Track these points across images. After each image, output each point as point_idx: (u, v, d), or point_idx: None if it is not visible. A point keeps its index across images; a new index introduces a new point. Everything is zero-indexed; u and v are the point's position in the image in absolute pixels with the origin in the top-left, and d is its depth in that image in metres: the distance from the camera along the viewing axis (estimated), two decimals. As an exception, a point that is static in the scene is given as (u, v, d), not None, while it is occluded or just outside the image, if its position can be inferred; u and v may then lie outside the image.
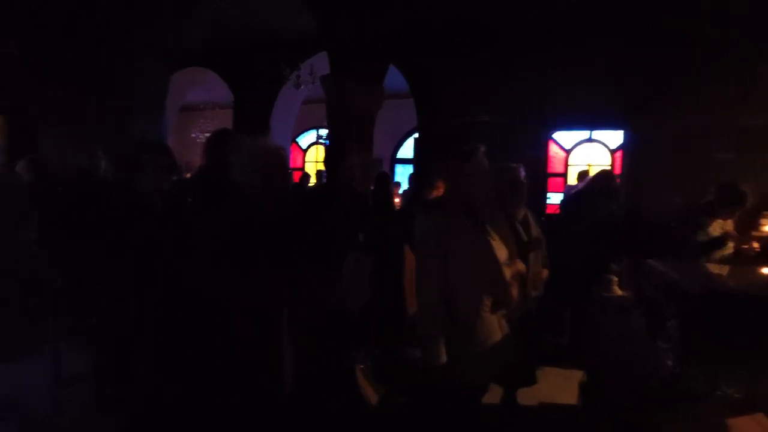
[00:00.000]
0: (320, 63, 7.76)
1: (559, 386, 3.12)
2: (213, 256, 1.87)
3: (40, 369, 3.07)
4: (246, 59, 8.09)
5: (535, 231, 2.58)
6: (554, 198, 7.26)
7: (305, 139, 13.48)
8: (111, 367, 2.56)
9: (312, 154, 13.46)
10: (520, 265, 2.18)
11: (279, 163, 2.04)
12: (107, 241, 2.38)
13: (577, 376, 3.00)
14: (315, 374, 2.25)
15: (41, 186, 3.61)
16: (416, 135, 7.64)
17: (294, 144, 13.05)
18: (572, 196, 3.87)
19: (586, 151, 8.00)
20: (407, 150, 11.66)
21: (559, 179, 7.75)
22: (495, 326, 1.98)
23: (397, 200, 6.28)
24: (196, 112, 12.49)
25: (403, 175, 10.87)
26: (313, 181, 8.54)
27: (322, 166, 11.67)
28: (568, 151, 7.99)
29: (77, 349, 2.96)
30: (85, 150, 3.84)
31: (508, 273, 1.98)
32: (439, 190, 3.63)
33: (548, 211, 6.45)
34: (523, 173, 2.56)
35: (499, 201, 2.43)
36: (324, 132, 12.66)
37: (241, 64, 8.26)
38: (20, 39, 5.78)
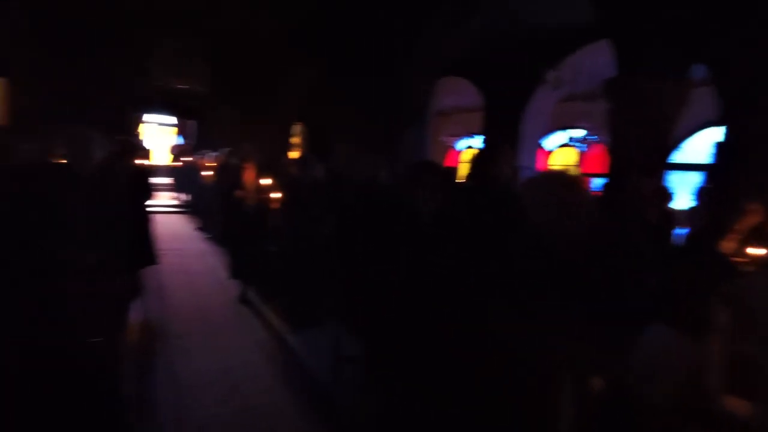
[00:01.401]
0: (578, 61, 7.03)
1: None
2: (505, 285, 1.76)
3: (324, 343, 3.71)
4: (500, 62, 8.00)
5: None
6: None
7: (549, 140, 12.61)
8: (379, 357, 2.83)
9: (558, 156, 12.51)
10: None
11: (580, 201, 1.75)
12: (388, 243, 2.61)
13: None
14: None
15: (336, 188, 4.35)
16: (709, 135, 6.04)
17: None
18: None
19: None
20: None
21: None
22: None
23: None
24: (445, 116, 13.24)
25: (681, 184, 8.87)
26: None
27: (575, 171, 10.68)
28: None
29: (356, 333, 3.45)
30: (369, 159, 4.42)
31: None
32: (753, 217, 2.70)
33: None
34: None
35: None
36: (578, 132, 11.59)
37: (495, 67, 8.21)
38: (326, 62, 7.15)
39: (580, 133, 11.62)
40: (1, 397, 2.19)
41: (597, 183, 10.84)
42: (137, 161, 6.26)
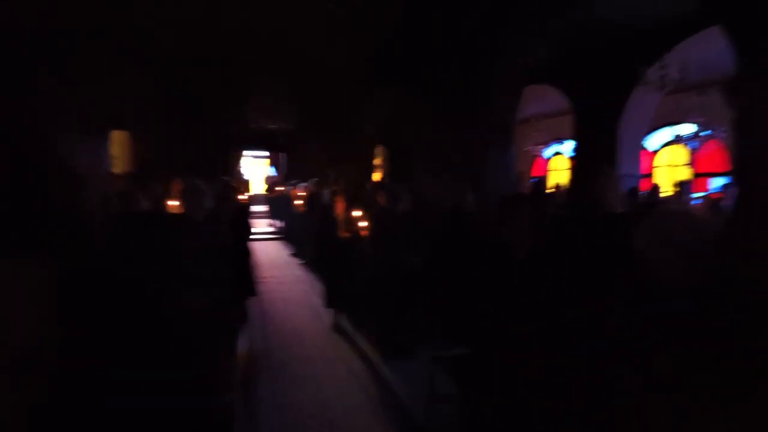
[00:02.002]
0: (684, 54, 6.31)
1: None
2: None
3: (417, 375, 3.62)
4: (589, 63, 7.47)
5: None
6: None
7: (653, 139, 11.43)
8: (474, 397, 2.68)
9: (665, 156, 11.28)
10: None
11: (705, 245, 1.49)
12: (480, 281, 2.48)
13: None
14: None
15: (423, 217, 4.31)
16: None
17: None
18: None
19: None
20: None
21: None
22: None
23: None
24: (529, 124, 12.66)
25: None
26: (668, 190, 6.49)
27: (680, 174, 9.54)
28: None
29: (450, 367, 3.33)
30: (454, 184, 4.32)
31: None
32: None
33: None
34: None
35: None
36: (687, 128, 10.38)
37: (583, 70, 7.69)
38: (405, 84, 7.23)
39: (689, 128, 10.36)
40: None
41: (715, 184, 9.55)
42: (238, 196, 6.80)
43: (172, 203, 6.32)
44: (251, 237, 4.56)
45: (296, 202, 8.15)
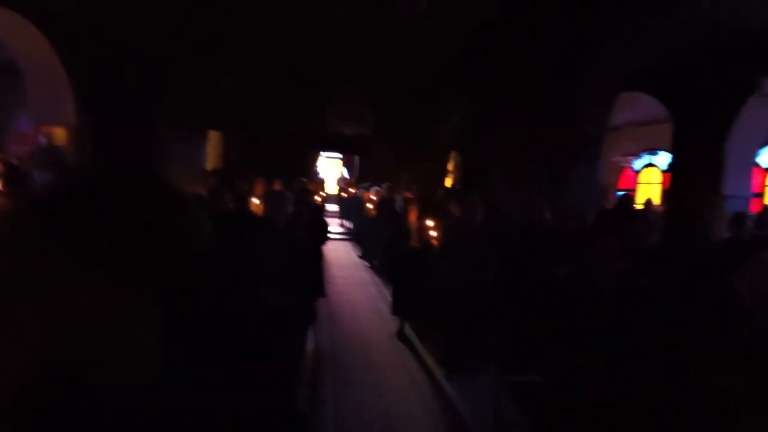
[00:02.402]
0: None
1: None
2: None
3: (481, 395, 3.50)
4: (696, 69, 6.76)
5: None
6: None
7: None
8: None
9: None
10: None
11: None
12: (554, 304, 2.34)
13: None
14: None
15: (498, 231, 4.18)
16: None
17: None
18: None
19: None
20: None
21: None
22: None
23: None
24: (617, 132, 11.76)
25: None
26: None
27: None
28: None
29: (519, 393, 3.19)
30: (529, 197, 4.14)
31: None
32: None
33: None
34: None
35: None
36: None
37: (688, 75, 6.98)
38: (483, 91, 7.09)
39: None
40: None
41: None
42: (315, 198, 7.06)
43: (256, 201, 6.73)
44: (326, 239, 4.71)
45: (368, 205, 8.29)
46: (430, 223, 4.38)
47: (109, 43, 4.71)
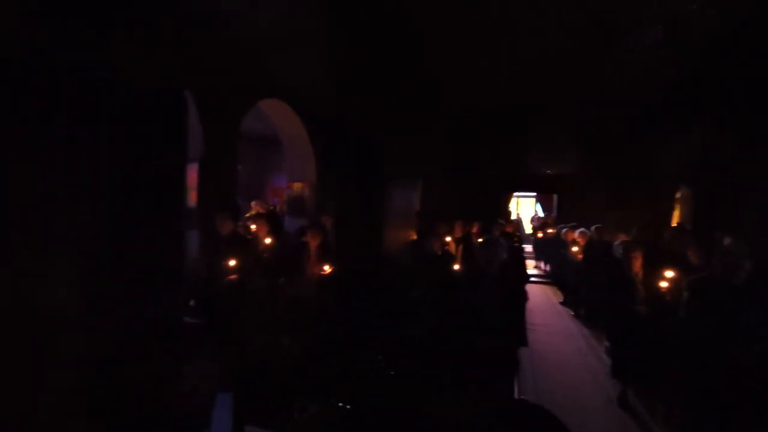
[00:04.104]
0: None
1: None
2: None
3: None
4: None
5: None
6: None
7: None
8: None
9: None
10: None
11: None
12: None
13: None
14: None
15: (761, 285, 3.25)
16: None
17: None
18: None
19: None
20: None
21: None
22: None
23: None
24: None
25: None
26: None
27: None
28: None
29: None
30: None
31: None
32: None
33: None
34: None
35: None
36: None
37: None
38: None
39: None
40: None
41: None
42: (514, 240, 6.85)
43: (450, 242, 6.91)
44: (526, 282, 4.46)
45: (573, 248, 7.59)
46: (669, 274, 3.69)
47: (340, 120, 5.90)
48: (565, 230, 8.63)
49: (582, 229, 7.58)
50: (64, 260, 1.18)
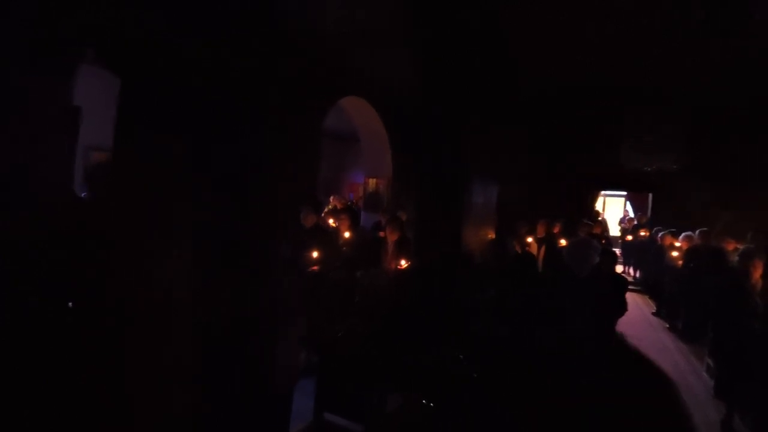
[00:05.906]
0: None
1: None
2: None
3: None
4: None
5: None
6: None
7: None
8: None
9: None
10: None
11: None
12: None
13: None
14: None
15: None
16: None
17: None
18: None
19: None
20: None
21: None
22: None
23: None
24: None
25: None
26: None
27: None
28: None
29: None
30: None
31: None
32: None
33: None
34: None
35: None
36: None
37: None
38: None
39: None
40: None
41: None
42: (601, 242, 6.39)
43: (531, 242, 6.59)
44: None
45: (672, 253, 6.88)
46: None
47: (422, 117, 5.91)
48: (662, 234, 7.85)
49: (688, 233, 6.85)
50: (185, 246, 1.30)
